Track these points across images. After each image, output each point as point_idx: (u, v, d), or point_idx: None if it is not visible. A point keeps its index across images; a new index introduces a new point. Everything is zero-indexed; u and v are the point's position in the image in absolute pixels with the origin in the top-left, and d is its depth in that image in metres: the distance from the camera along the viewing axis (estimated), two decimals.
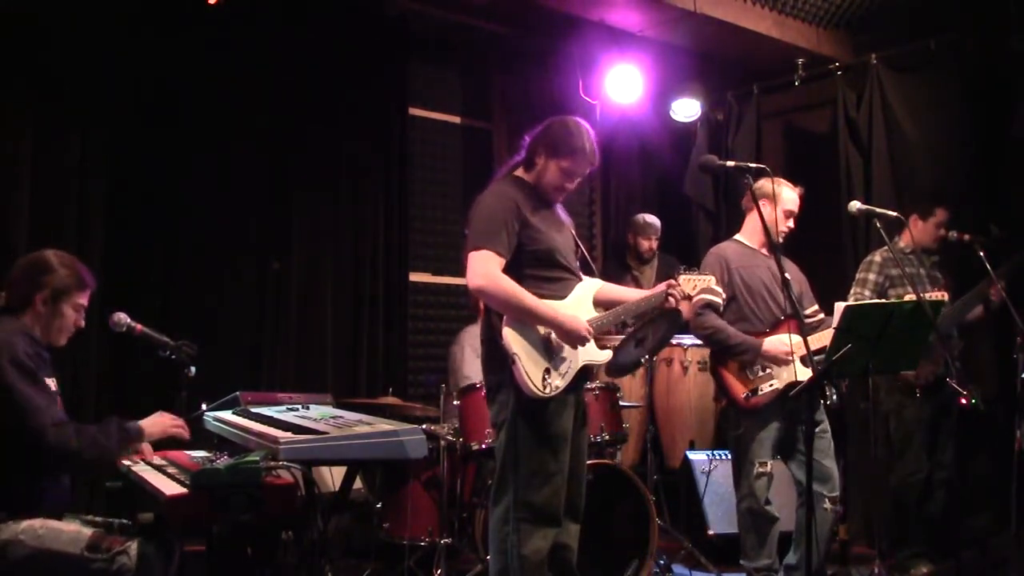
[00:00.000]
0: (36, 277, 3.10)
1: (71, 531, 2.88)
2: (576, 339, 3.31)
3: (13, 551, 2.80)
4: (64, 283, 3.11)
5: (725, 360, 4.21)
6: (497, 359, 3.31)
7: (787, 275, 3.56)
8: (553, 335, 3.32)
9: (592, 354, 3.42)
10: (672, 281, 3.58)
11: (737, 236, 4.42)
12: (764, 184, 4.06)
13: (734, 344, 4.12)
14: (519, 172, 3.51)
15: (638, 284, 6.04)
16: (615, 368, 4.16)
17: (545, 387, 3.25)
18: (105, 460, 3.08)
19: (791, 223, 4.26)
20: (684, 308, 4.11)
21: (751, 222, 4.35)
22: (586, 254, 3.66)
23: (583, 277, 3.54)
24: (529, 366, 3.24)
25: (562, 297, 3.39)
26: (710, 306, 4.15)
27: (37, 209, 4.66)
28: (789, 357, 4.02)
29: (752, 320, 4.20)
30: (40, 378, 2.97)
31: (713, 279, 3.70)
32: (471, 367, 5.20)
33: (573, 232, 3.59)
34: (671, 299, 3.55)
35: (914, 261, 4.93)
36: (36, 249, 4.52)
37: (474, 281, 3.27)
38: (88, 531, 2.88)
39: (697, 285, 3.63)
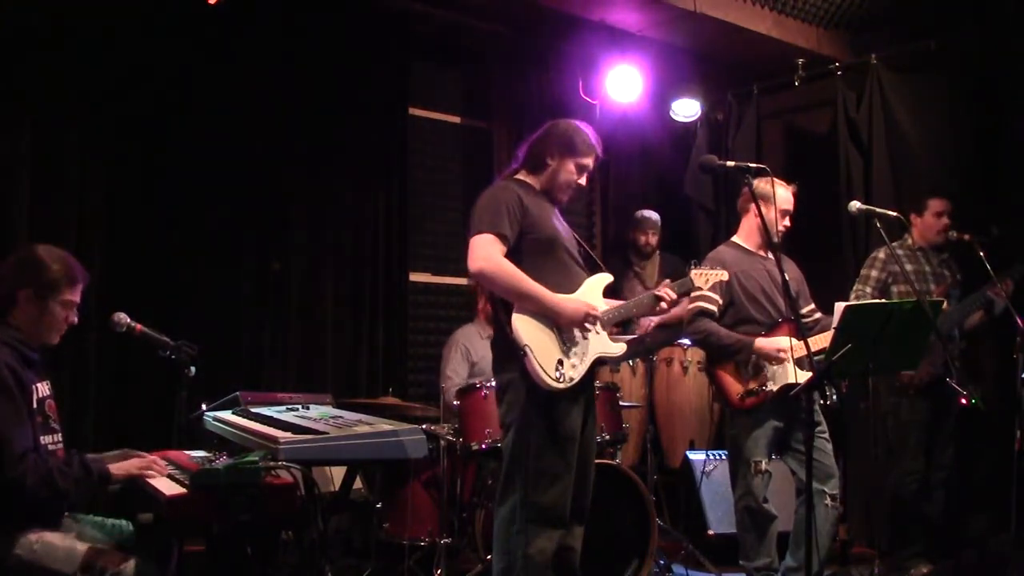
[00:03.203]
0: (21, 273, 2.99)
1: (66, 547, 2.80)
2: (578, 320, 3.29)
3: (8, 566, 2.74)
4: (50, 278, 2.98)
5: (721, 361, 4.22)
6: (506, 358, 3.30)
7: (787, 276, 3.57)
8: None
9: (605, 345, 3.41)
10: (667, 282, 3.59)
11: (734, 238, 4.42)
12: (759, 184, 4.07)
13: (727, 344, 4.13)
14: (521, 176, 3.52)
15: (640, 280, 6.06)
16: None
17: (559, 378, 3.23)
18: (60, 499, 2.91)
19: (787, 221, 4.27)
20: (680, 308, 4.12)
21: (747, 224, 4.36)
22: (590, 252, 3.66)
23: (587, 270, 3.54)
24: (541, 356, 3.22)
25: (571, 289, 3.38)
26: (704, 313, 4.17)
27: (37, 209, 4.65)
28: (782, 355, 4.03)
29: (750, 323, 4.20)
30: (16, 395, 2.84)
31: (726, 274, 3.70)
32: (452, 367, 5.20)
33: (575, 235, 3.60)
34: (663, 304, 3.55)
35: (920, 258, 4.93)
36: None
37: (475, 264, 3.25)
38: (83, 547, 2.81)
39: (709, 279, 3.64)
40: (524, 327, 3.23)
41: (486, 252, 3.24)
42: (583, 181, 3.52)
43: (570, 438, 3.31)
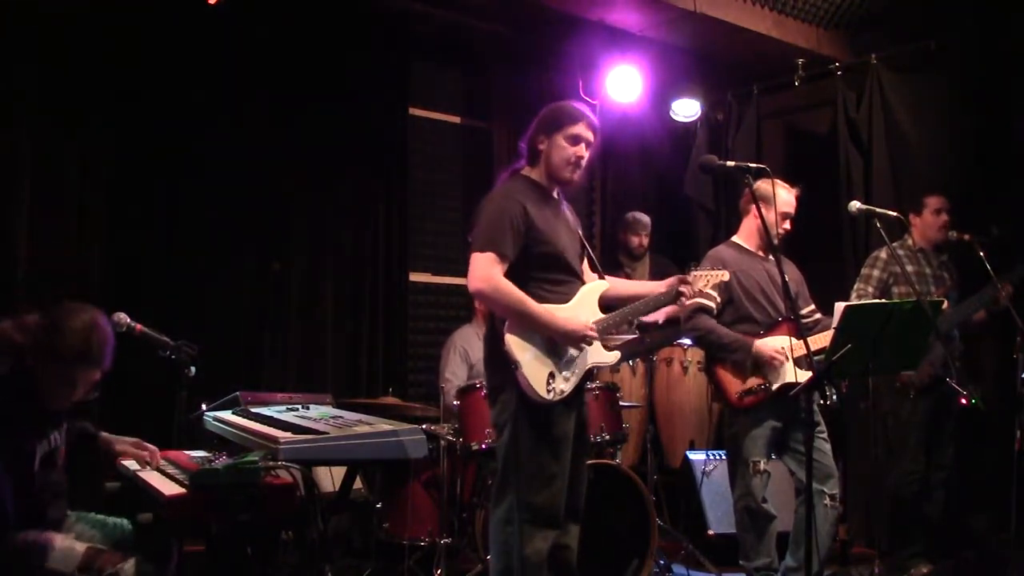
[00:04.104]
0: (34, 336, 2.85)
1: (64, 548, 2.79)
2: (576, 341, 3.29)
3: (4, 568, 2.73)
4: (61, 352, 2.83)
5: (719, 359, 4.22)
6: (499, 359, 3.29)
7: (786, 277, 3.57)
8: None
9: (599, 355, 3.40)
10: (684, 277, 3.57)
11: (734, 238, 4.42)
12: (761, 185, 4.06)
13: (726, 344, 4.13)
14: (525, 171, 3.50)
15: None
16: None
17: (549, 392, 3.24)
18: None
19: (787, 224, 4.26)
20: (676, 308, 4.12)
21: (748, 224, 4.36)
22: (591, 254, 3.65)
23: (586, 280, 3.53)
24: (532, 372, 3.22)
25: (566, 301, 3.37)
26: (703, 309, 4.17)
27: (37, 209, 4.65)
28: (778, 362, 4.03)
29: (749, 321, 4.20)
30: None
31: (727, 273, 3.70)
32: (451, 369, 5.21)
33: (580, 232, 3.59)
34: (683, 299, 3.55)
35: (921, 259, 4.93)
36: (37, 250, 4.58)
37: (474, 284, 3.26)
38: (81, 548, 2.81)
39: (710, 280, 3.63)
40: (516, 344, 3.23)
41: (486, 273, 3.23)
42: (581, 151, 3.39)
43: (563, 439, 3.30)
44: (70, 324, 2.86)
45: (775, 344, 4.08)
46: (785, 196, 4.23)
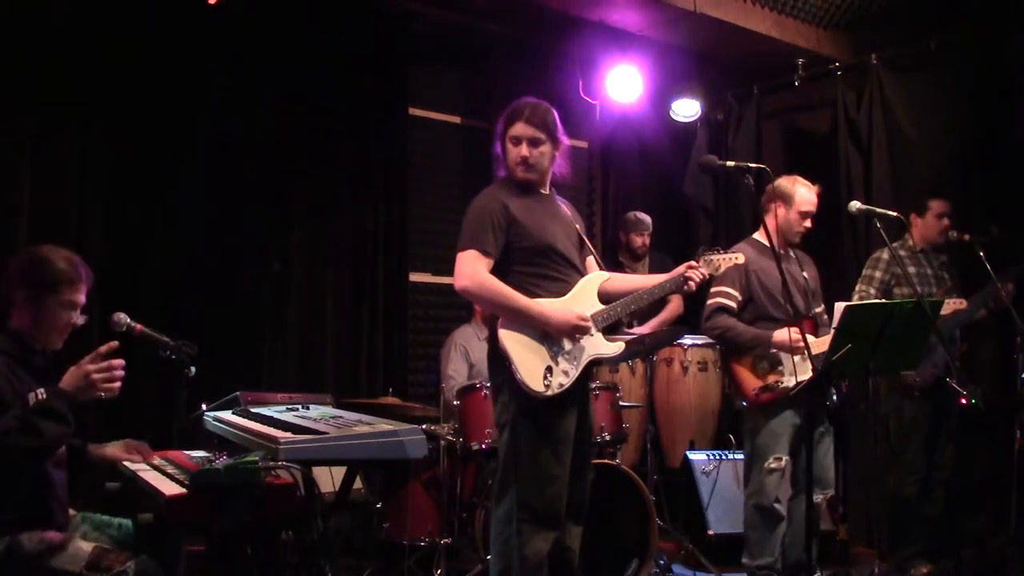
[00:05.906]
0: (19, 273, 2.95)
1: (71, 547, 2.80)
2: (568, 331, 3.28)
3: (11, 568, 2.74)
4: (47, 278, 2.92)
5: (738, 356, 4.22)
6: (499, 359, 3.30)
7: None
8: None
9: (600, 347, 3.38)
10: (692, 263, 3.55)
11: (755, 236, 4.42)
12: (782, 183, 4.07)
13: (745, 341, 4.14)
14: (504, 173, 3.52)
15: None
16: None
17: (547, 386, 3.23)
18: (40, 436, 2.69)
19: (808, 223, 4.27)
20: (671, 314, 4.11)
21: (769, 222, 4.34)
22: (590, 247, 3.64)
23: (586, 272, 3.53)
24: (527, 367, 3.22)
25: (562, 294, 3.37)
26: (724, 309, 4.17)
27: (37, 208, 4.65)
28: (799, 344, 4.02)
29: (768, 320, 4.19)
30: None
31: (741, 256, 3.69)
32: (453, 367, 5.21)
33: (578, 226, 3.57)
34: (691, 284, 3.53)
35: (922, 260, 4.93)
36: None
37: (459, 282, 3.28)
38: (88, 547, 2.81)
39: (722, 265, 3.61)
40: (509, 340, 3.24)
41: (470, 269, 3.25)
42: (523, 151, 3.38)
43: (564, 439, 3.30)
44: (47, 254, 2.97)
45: (792, 332, 4.06)
46: (806, 195, 4.24)
